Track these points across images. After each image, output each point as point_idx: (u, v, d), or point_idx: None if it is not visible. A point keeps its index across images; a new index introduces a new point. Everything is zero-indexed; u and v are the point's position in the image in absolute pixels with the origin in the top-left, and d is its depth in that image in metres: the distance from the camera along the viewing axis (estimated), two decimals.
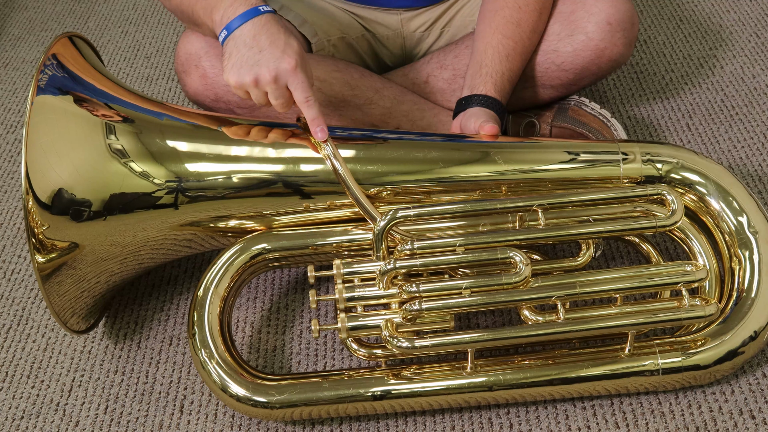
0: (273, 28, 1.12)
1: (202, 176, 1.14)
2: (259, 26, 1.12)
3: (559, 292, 1.09)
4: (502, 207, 1.11)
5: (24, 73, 1.84)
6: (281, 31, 1.12)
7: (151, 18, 1.98)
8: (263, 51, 1.10)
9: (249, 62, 1.10)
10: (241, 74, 1.11)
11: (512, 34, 1.31)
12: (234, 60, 1.12)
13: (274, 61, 1.10)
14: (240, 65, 1.11)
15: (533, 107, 1.44)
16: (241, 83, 1.12)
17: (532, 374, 1.10)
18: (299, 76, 1.11)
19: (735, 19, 1.75)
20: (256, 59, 1.10)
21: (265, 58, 1.10)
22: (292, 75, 1.10)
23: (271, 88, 1.11)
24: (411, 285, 1.08)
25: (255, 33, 1.11)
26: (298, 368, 1.23)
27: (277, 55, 1.10)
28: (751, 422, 1.11)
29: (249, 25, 1.12)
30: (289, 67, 1.10)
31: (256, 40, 1.11)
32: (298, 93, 1.11)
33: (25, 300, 1.35)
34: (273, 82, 1.10)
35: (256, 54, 1.11)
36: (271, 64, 1.10)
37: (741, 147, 1.48)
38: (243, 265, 1.15)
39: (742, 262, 1.13)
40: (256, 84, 1.11)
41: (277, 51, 1.10)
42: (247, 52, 1.11)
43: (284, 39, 1.12)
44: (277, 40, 1.11)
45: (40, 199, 1.08)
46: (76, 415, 1.19)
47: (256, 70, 1.10)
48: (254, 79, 1.10)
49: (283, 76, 1.10)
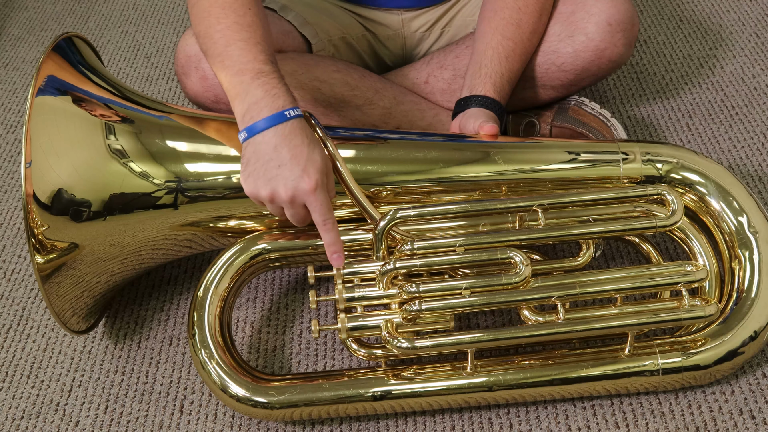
0: (296, 140, 1.04)
1: (202, 176, 1.14)
2: (281, 136, 1.03)
3: (559, 293, 1.09)
4: (502, 207, 1.11)
5: (24, 73, 1.84)
6: (305, 144, 1.04)
7: (151, 18, 1.98)
8: (282, 166, 1.03)
9: (267, 176, 1.03)
10: (257, 187, 1.04)
11: (512, 35, 1.31)
12: (251, 169, 1.04)
13: (293, 180, 1.03)
14: (257, 176, 1.04)
15: (533, 107, 1.44)
16: (257, 196, 1.06)
17: (532, 374, 1.10)
18: (319, 197, 1.04)
19: (735, 19, 1.75)
20: (274, 174, 1.03)
21: (283, 174, 1.03)
22: (311, 196, 1.04)
23: (287, 206, 1.06)
24: (411, 285, 1.09)
25: (276, 143, 1.03)
26: (298, 368, 1.23)
27: (297, 173, 1.03)
28: (751, 422, 1.11)
29: (271, 133, 1.04)
30: (308, 188, 1.03)
31: (277, 152, 1.03)
32: (316, 215, 1.05)
33: (25, 300, 1.35)
34: (289, 202, 1.04)
35: (274, 168, 1.03)
36: (290, 183, 1.03)
37: (741, 147, 1.48)
38: (243, 266, 1.15)
39: (742, 262, 1.13)
40: (272, 201, 1.05)
41: (298, 169, 1.03)
42: (266, 164, 1.03)
43: (307, 154, 1.03)
44: (299, 155, 1.03)
45: (39, 199, 1.08)
46: (76, 415, 1.19)
47: (273, 185, 1.03)
48: (270, 195, 1.04)
49: (300, 196, 1.04)
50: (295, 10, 1.41)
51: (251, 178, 1.05)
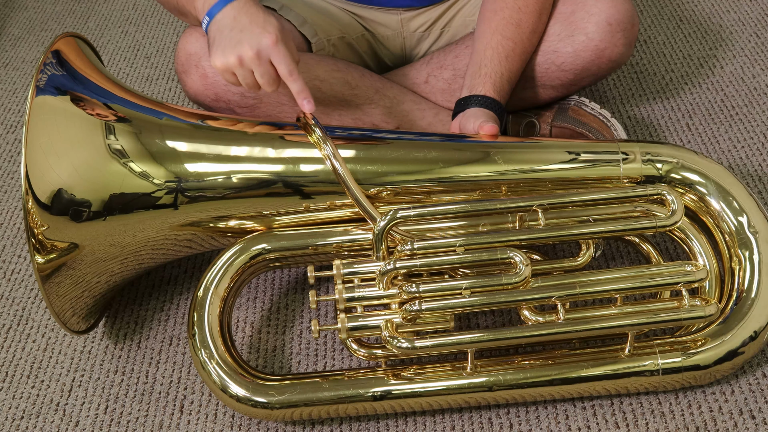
0: (252, 9, 1.15)
1: (202, 176, 1.14)
2: (238, 8, 1.15)
3: (559, 293, 1.09)
4: (502, 207, 1.11)
5: (24, 73, 1.84)
6: (260, 11, 1.15)
7: (151, 18, 1.98)
8: (244, 30, 1.13)
9: (231, 42, 1.13)
10: (226, 55, 1.13)
11: (512, 34, 1.31)
12: (218, 43, 1.14)
13: (255, 37, 1.12)
14: (224, 47, 1.14)
15: (533, 107, 1.44)
16: (227, 64, 1.14)
17: (532, 374, 1.10)
18: (281, 49, 1.13)
19: (735, 19, 1.75)
20: (238, 38, 1.13)
21: (246, 36, 1.13)
22: (274, 49, 1.13)
23: (255, 65, 1.13)
24: (411, 285, 1.08)
25: (235, 14, 1.14)
26: (298, 368, 1.23)
27: (257, 31, 1.13)
28: (751, 422, 1.11)
29: (228, 8, 1.15)
30: (270, 42, 1.12)
31: (237, 21, 1.14)
32: (282, 67, 1.14)
33: (25, 300, 1.35)
34: (256, 58, 1.13)
35: (237, 34, 1.13)
36: (253, 40, 1.12)
37: (741, 147, 1.48)
38: (243, 266, 1.15)
39: (742, 262, 1.13)
40: (241, 63, 1.13)
41: (257, 28, 1.13)
42: (229, 33, 1.14)
43: (263, 17, 1.14)
44: (256, 18, 1.14)
45: (39, 199, 1.08)
46: (76, 415, 1.19)
47: (238, 49, 1.12)
48: (238, 58, 1.13)
49: (264, 51, 1.13)
50: (294, 10, 1.41)
51: (219, 50, 1.14)
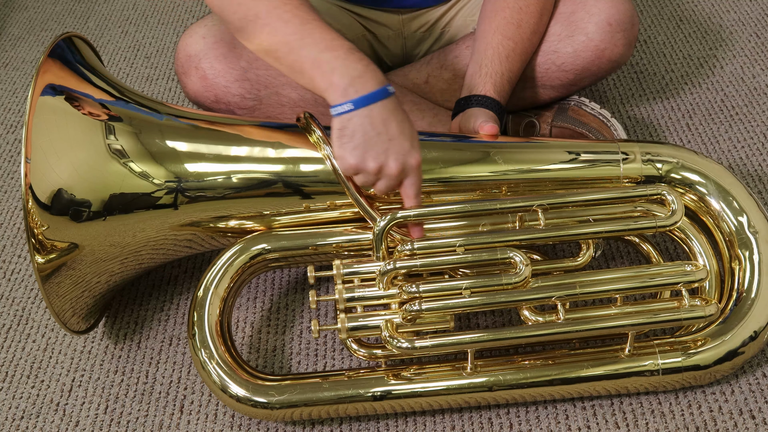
0: (401, 115, 1.07)
1: (202, 176, 1.14)
2: (389, 110, 1.06)
3: (559, 293, 1.09)
4: (502, 207, 1.11)
5: (24, 73, 1.84)
6: (407, 120, 1.08)
7: (151, 18, 1.98)
8: (393, 140, 1.06)
9: (377, 149, 1.06)
10: (365, 159, 1.06)
11: (512, 35, 1.31)
12: (357, 141, 1.06)
13: (403, 154, 1.06)
14: (366, 148, 1.06)
15: (533, 107, 1.44)
16: (362, 168, 1.07)
17: (532, 374, 1.10)
18: (419, 172, 1.09)
19: (735, 19, 1.75)
20: (385, 147, 1.06)
21: (394, 148, 1.06)
22: (416, 172, 1.08)
23: (390, 179, 1.08)
24: (411, 285, 1.08)
25: (385, 117, 1.06)
26: (298, 368, 1.23)
27: (407, 147, 1.07)
28: (751, 422, 1.11)
29: (379, 106, 1.06)
30: (415, 163, 1.07)
31: (386, 126, 1.06)
32: (413, 189, 1.09)
33: (25, 300, 1.35)
34: (396, 174, 1.07)
35: (385, 142, 1.06)
36: (400, 157, 1.06)
37: (741, 147, 1.48)
38: (243, 266, 1.15)
39: (742, 262, 1.13)
40: (378, 172, 1.07)
41: (407, 143, 1.07)
42: (375, 137, 1.05)
43: (410, 129, 1.08)
44: (405, 130, 1.07)
45: (39, 199, 1.08)
46: (76, 415, 1.19)
47: (383, 158, 1.06)
48: (378, 166, 1.06)
49: (407, 170, 1.08)
50: None
51: (358, 150, 1.06)
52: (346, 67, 1.06)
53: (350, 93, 1.05)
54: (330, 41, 1.08)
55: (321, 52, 1.07)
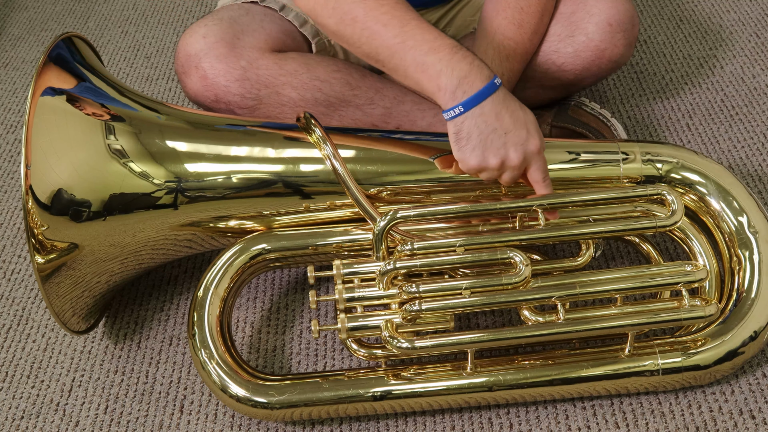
0: (513, 104, 1.06)
1: (202, 176, 1.14)
2: (499, 103, 1.05)
3: (559, 293, 1.09)
4: (502, 207, 1.11)
5: (24, 73, 1.84)
6: (519, 106, 1.07)
7: (151, 18, 1.98)
8: (509, 132, 1.05)
9: (495, 144, 1.05)
10: (486, 157, 1.06)
11: (513, 35, 1.31)
12: (475, 142, 1.05)
13: (522, 144, 1.06)
14: (485, 147, 1.05)
15: (533, 107, 1.44)
16: (486, 166, 1.07)
17: (532, 374, 1.10)
18: (543, 155, 1.08)
19: (735, 19, 1.75)
20: (502, 141, 1.05)
21: (512, 140, 1.05)
22: (538, 156, 1.07)
23: (513, 170, 1.08)
24: (411, 285, 1.08)
25: (497, 112, 1.05)
26: (298, 368, 1.23)
27: (524, 136, 1.06)
28: (751, 422, 1.11)
29: (489, 102, 1.05)
30: (535, 149, 1.07)
31: (500, 120, 1.05)
32: (539, 174, 1.09)
33: (25, 300, 1.35)
34: (519, 164, 1.07)
35: (501, 136, 1.05)
36: (519, 147, 1.06)
37: (741, 147, 1.48)
38: (243, 266, 1.15)
39: (742, 262, 1.13)
40: (501, 167, 1.07)
41: (523, 131, 1.06)
42: (491, 134, 1.05)
43: (524, 116, 1.07)
44: (519, 118, 1.06)
45: (39, 199, 1.08)
46: (76, 415, 1.19)
47: (503, 153, 1.06)
48: (500, 162, 1.06)
49: (529, 157, 1.07)
50: (295, 10, 1.41)
51: (477, 150, 1.05)
52: (452, 69, 1.05)
53: (458, 95, 1.05)
54: (432, 41, 1.06)
55: (425, 54, 1.06)
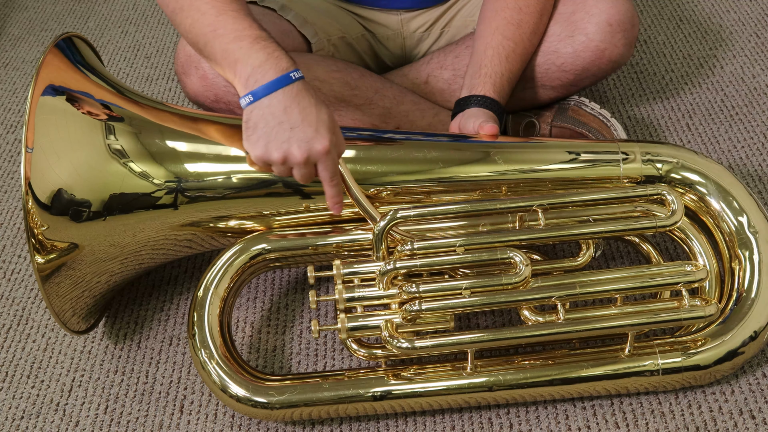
0: (305, 101, 1.03)
1: (202, 176, 1.14)
2: (290, 97, 1.03)
3: (559, 293, 1.09)
4: (502, 207, 1.11)
5: (24, 73, 1.84)
6: (313, 104, 1.04)
7: (151, 18, 1.98)
8: (294, 128, 1.03)
9: (279, 138, 1.03)
10: (269, 150, 1.04)
11: (512, 35, 1.31)
12: (260, 133, 1.03)
13: (306, 142, 1.03)
14: (268, 140, 1.03)
15: (533, 107, 1.44)
16: (267, 159, 1.05)
17: (532, 374, 1.10)
18: (330, 156, 1.05)
19: (735, 19, 1.75)
20: (287, 136, 1.03)
21: (296, 136, 1.03)
22: (324, 156, 1.04)
23: (298, 167, 1.05)
24: (411, 285, 1.08)
25: (286, 105, 1.03)
26: (298, 368, 1.23)
27: (310, 134, 1.03)
28: (751, 422, 1.11)
29: (279, 95, 1.03)
30: (321, 149, 1.03)
31: (287, 114, 1.03)
32: (326, 173, 1.06)
33: (25, 300, 1.35)
34: (303, 163, 1.04)
35: (286, 131, 1.03)
36: (303, 144, 1.03)
37: (741, 147, 1.48)
38: (243, 266, 1.15)
39: (742, 262, 1.13)
40: (283, 162, 1.04)
41: (310, 129, 1.03)
42: (276, 127, 1.03)
43: (316, 114, 1.04)
44: (309, 115, 1.03)
45: (39, 199, 1.08)
46: (76, 415, 1.19)
47: (285, 147, 1.03)
48: (283, 157, 1.04)
49: (314, 157, 1.04)
50: (294, 10, 1.41)
51: (261, 141, 1.04)
52: (248, 57, 1.04)
53: (250, 84, 1.04)
54: (240, 31, 1.06)
55: (229, 42, 1.06)
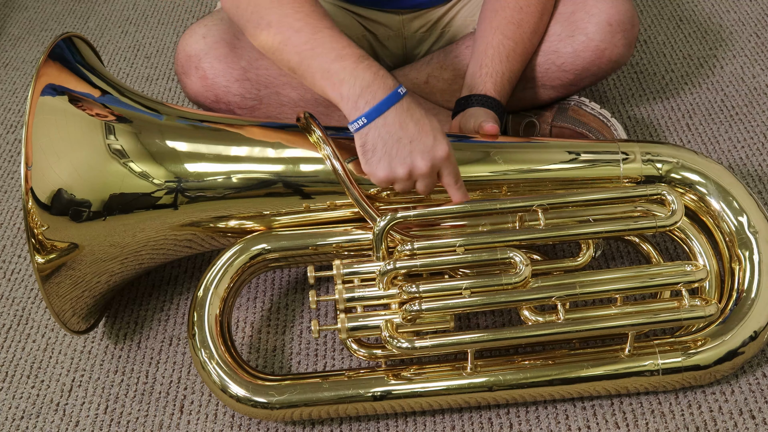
0: (417, 112, 1.06)
1: (202, 176, 1.14)
2: (403, 112, 1.05)
3: (559, 293, 1.09)
4: (502, 207, 1.11)
5: (24, 73, 1.84)
6: (424, 114, 1.06)
7: (151, 18, 1.98)
8: (414, 141, 1.05)
9: (401, 154, 1.05)
10: (393, 167, 1.05)
11: (513, 34, 1.31)
12: (380, 153, 1.05)
13: (428, 151, 1.05)
14: (391, 158, 1.05)
15: (533, 107, 1.44)
16: (394, 177, 1.06)
17: (532, 374, 1.10)
18: (453, 161, 1.07)
19: (735, 19, 1.75)
20: (408, 150, 1.05)
21: (417, 148, 1.05)
22: (446, 162, 1.07)
23: (424, 177, 1.07)
24: (411, 285, 1.08)
25: (401, 121, 1.04)
26: (298, 368, 1.23)
27: (430, 143, 1.05)
28: (751, 422, 1.11)
29: (393, 112, 1.04)
30: (443, 154, 1.06)
31: (404, 129, 1.04)
32: (451, 178, 1.08)
33: (25, 300, 1.35)
34: (428, 172, 1.06)
35: (406, 145, 1.05)
36: (426, 155, 1.05)
37: (741, 147, 1.48)
38: (243, 266, 1.15)
39: (742, 262, 1.13)
40: (410, 176, 1.06)
41: (429, 139, 1.05)
42: (396, 144, 1.05)
43: (430, 123, 1.06)
44: (424, 125, 1.05)
45: (39, 199, 1.08)
46: (76, 415, 1.19)
47: (409, 161, 1.05)
48: (408, 171, 1.06)
49: (438, 163, 1.06)
50: None
51: (383, 161, 1.05)
52: (354, 78, 1.05)
53: (361, 106, 1.05)
54: (340, 50, 1.07)
55: (331, 62, 1.06)
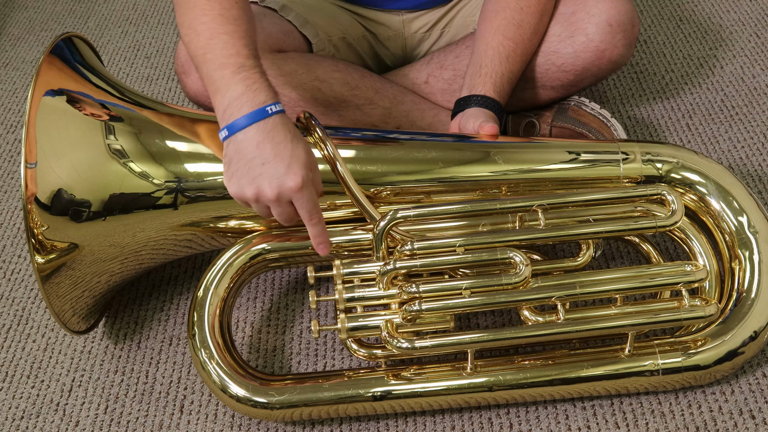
0: (279, 136, 1.00)
1: (202, 176, 1.14)
2: (264, 132, 1.00)
3: (559, 293, 1.08)
4: (502, 207, 1.11)
5: (24, 73, 1.84)
6: (287, 139, 1.01)
7: (151, 18, 1.98)
8: (266, 164, 1.00)
9: (250, 175, 1.00)
10: (241, 186, 1.01)
11: (513, 35, 1.30)
12: (234, 169, 1.02)
13: (278, 178, 1.00)
14: (240, 176, 1.01)
15: (533, 107, 1.44)
16: (242, 196, 1.03)
17: (532, 374, 1.10)
18: (304, 194, 1.02)
19: (735, 19, 1.75)
20: (258, 172, 1.00)
21: (268, 172, 1.00)
22: (297, 194, 1.01)
23: (273, 205, 1.03)
24: (411, 285, 1.08)
25: (259, 140, 1.00)
26: (298, 368, 1.23)
27: (282, 171, 1.00)
28: (751, 422, 1.11)
29: (253, 130, 1.00)
30: (293, 186, 1.00)
31: (260, 150, 1.00)
32: (303, 212, 1.04)
33: (25, 300, 1.35)
34: (275, 200, 1.01)
35: (258, 167, 1.00)
36: (274, 181, 1.00)
37: (741, 147, 1.48)
38: (243, 266, 1.15)
39: (742, 262, 1.13)
40: (257, 200, 1.02)
41: (282, 166, 1.00)
42: (248, 163, 1.00)
43: (291, 150, 1.00)
44: (282, 151, 1.00)
45: (39, 199, 1.08)
46: (76, 415, 1.19)
47: (257, 184, 1.00)
48: (255, 194, 1.01)
49: (286, 194, 1.01)
50: (295, 10, 1.41)
51: (234, 178, 1.02)
52: (227, 88, 1.02)
53: (226, 117, 1.02)
54: (225, 58, 1.04)
55: (214, 69, 1.04)
